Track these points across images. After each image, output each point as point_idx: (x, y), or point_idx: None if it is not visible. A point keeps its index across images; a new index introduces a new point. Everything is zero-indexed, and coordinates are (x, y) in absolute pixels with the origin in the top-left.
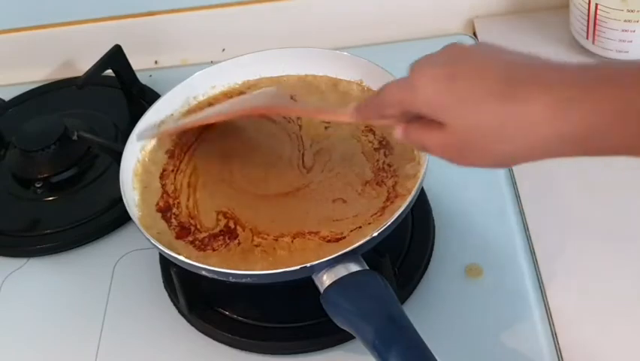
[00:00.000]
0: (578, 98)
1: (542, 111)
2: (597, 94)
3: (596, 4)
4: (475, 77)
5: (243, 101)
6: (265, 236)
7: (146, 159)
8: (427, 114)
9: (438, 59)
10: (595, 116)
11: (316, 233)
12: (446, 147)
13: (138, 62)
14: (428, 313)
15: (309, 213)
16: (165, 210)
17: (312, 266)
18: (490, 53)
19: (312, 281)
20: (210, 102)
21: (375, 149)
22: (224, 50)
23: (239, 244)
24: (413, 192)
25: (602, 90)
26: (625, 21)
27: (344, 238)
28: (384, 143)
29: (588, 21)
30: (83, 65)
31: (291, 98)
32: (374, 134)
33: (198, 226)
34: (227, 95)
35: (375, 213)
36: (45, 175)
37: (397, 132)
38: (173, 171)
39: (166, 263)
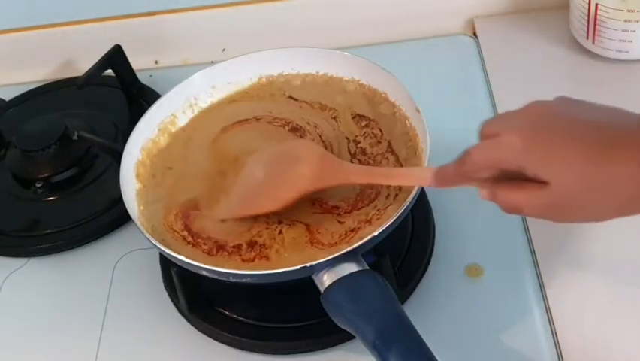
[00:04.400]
0: None
1: (631, 172)
2: None
3: (596, 4)
4: (568, 139)
5: (293, 175)
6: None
7: (146, 159)
8: (531, 171)
9: (525, 116)
10: None
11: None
12: (545, 207)
13: (138, 62)
14: (428, 313)
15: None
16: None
17: (312, 266)
18: (574, 113)
19: (312, 281)
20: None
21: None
22: (224, 50)
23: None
24: (413, 192)
25: None
26: (625, 21)
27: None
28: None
29: (588, 21)
30: (83, 65)
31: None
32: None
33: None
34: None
35: (375, 214)
36: (45, 175)
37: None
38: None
39: (166, 263)
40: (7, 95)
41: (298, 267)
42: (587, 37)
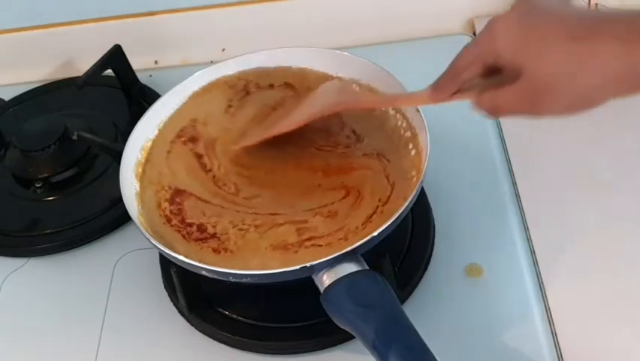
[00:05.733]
0: None
1: (614, 48)
2: None
3: (596, 5)
4: (549, 21)
5: (311, 102)
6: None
7: (146, 159)
8: (507, 59)
9: (509, 12)
10: None
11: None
12: (522, 99)
13: (138, 62)
14: (428, 313)
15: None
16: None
17: (312, 266)
18: (559, 4)
19: (312, 281)
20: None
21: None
22: (224, 50)
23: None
24: (413, 192)
25: None
26: None
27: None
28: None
29: None
30: (83, 65)
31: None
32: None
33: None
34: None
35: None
36: (45, 175)
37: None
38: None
39: (166, 263)
40: (7, 95)
41: (298, 267)
42: None
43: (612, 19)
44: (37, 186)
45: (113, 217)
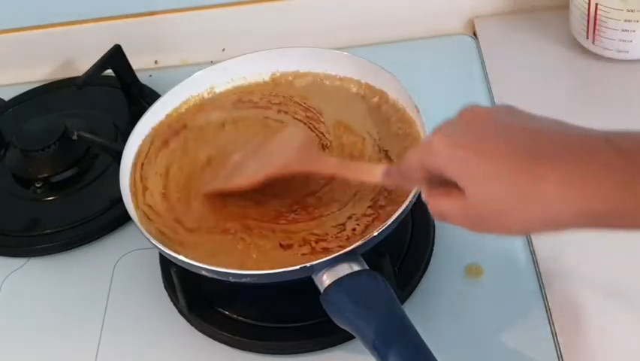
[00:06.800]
0: (595, 178)
1: (556, 189)
2: (615, 174)
3: (596, 4)
4: (495, 146)
5: (269, 159)
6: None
7: (146, 159)
8: (448, 176)
9: (457, 123)
10: (614, 196)
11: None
12: (465, 217)
13: (138, 62)
14: (428, 313)
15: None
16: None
17: (312, 266)
18: (511, 123)
19: (312, 281)
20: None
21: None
22: (224, 49)
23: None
24: (413, 192)
25: (619, 169)
26: (625, 21)
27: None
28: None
29: (588, 21)
30: (83, 65)
31: (320, 139)
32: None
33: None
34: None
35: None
36: (45, 175)
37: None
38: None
39: (166, 263)
40: (7, 95)
41: (298, 267)
42: (587, 37)
43: (565, 153)
44: (37, 186)
45: (113, 217)
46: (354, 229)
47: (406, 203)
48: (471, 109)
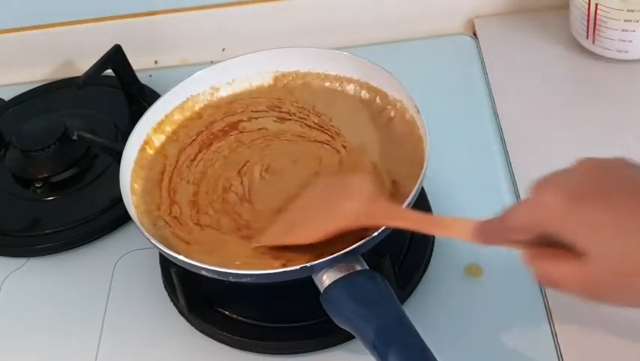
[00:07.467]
0: None
1: None
2: None
3: (596, 4)
4: (621, 203)
5: (339, 212)
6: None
7: (146, 159)
8: (565, 237)
9: (571, 175)
10: None
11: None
12: (584, 282)
13: (138, 62)
14: (428, 313)
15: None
16: (165, 209)
17: (312, 266)
18: (632, 175)
19: (312, 281)
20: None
21: None
22: (224, 49)
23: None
24: (413, 192)
25: None
26: (625, 21)
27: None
28: None
29: (588, 21)
30: (83, 65)
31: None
32: None
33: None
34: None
35: None
36: (45, 175)
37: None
38: (173, 170)
39: (166, 263)
40: (7, 95)
41: (298, 267)
42: (587, 37)
43: None
44: (37, 186)
45: (113, 217)
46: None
47: (406, 203)
48: (590, 159)
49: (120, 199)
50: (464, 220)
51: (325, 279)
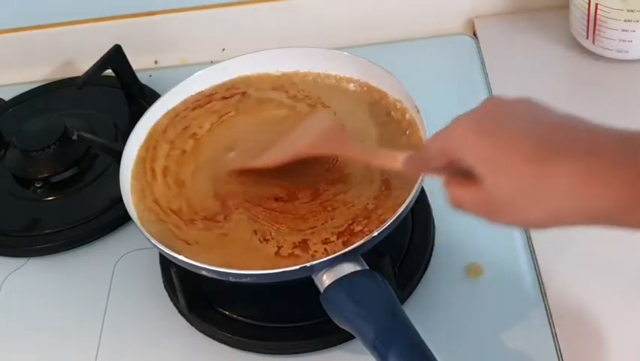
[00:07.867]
0: (605, 174)
1: (568, 183)
2: (625, 172)
3: (596, 4)
4: (512, 137)
5: (295, 140)
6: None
7: (146, 159)
8: (467, 163)
9: (478, 112)
10: (621, 193)
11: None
12: (478, 204)
13: (138, 62)
14: (428, 313)
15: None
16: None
17: (312, 266)
18: (530, 115)
19: (312, 281)
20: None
21: None
22: (224, 49)
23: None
24: (413, 192)
25: (629, 168)
26: (625, 21)
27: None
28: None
29: (588, 21)
30: (83, 65)
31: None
32: None
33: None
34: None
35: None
36: (45, 175)
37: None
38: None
39: (166, 263)
40: (7, 95)
41: (298, 267)
42: (587, 37)
43: (580, 147)
44: (37, 186)
45: (113, 217)
46: (354, 229)
47: (406, 203)
48: (496, 98)
49: (120, 199)
50: (400, 153)
51: (325, 279)
